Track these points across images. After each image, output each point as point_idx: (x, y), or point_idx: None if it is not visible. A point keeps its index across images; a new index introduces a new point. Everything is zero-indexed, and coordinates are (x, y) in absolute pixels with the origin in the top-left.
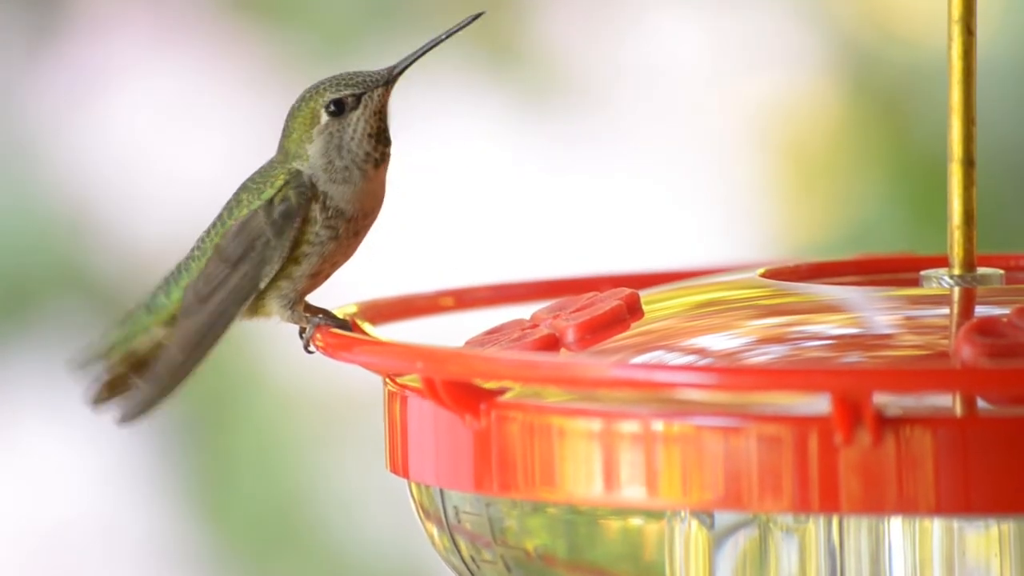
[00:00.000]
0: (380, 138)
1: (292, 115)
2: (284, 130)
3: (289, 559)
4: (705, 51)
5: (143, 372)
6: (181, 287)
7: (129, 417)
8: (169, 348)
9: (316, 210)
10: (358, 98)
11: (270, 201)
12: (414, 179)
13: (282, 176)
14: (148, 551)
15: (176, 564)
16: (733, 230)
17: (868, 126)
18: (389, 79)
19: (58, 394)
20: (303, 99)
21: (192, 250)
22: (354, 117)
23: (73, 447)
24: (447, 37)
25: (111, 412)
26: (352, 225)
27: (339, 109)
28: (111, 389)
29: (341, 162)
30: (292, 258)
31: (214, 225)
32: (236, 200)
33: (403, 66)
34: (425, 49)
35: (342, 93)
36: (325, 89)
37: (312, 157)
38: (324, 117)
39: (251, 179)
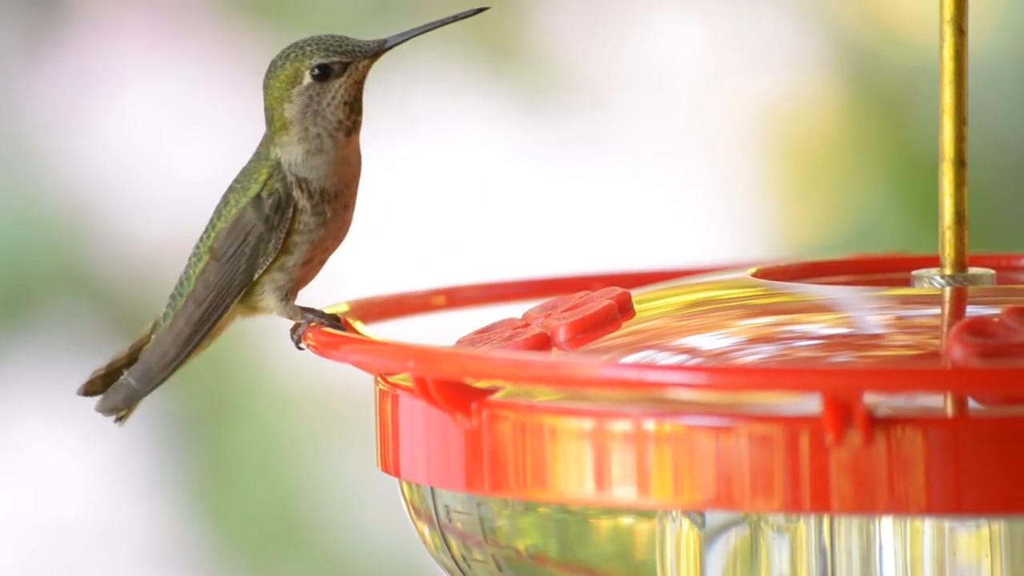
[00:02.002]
0: (354, 107)
1: (273, 72)
2: (265, 88)
3: (289, 559)
4: (705, 51)
5: (133, 364)
6: (184, 296)
7: (114, 408)
8: (164, 342)
9: (303, 198)
10: (344, 66)
11: (257, 196)
12: (411, 178)
13: (265, 170)
14: (148, 551)
15: (176, 564)
16: (733, 230)
17: (868, 126)
18: (378, 51)
19: (58, 394)
20: (286, 57)
21: (189, 258)
22: (336, 84)
23: (73, 447)
24: (445, 24)
25: (97, 402)
26: (337, 203)
27: (324, 74)
28: (104, 381)
29: (315, 128)
30: (283, 248)
31: (206, 230)
32: (224, 202)
33: (395, 42)
34: (422, 30)
35: (331, 59)
36: (313, 52)
37: (291, 120)
38: (307, 79)
39: (236, 180)
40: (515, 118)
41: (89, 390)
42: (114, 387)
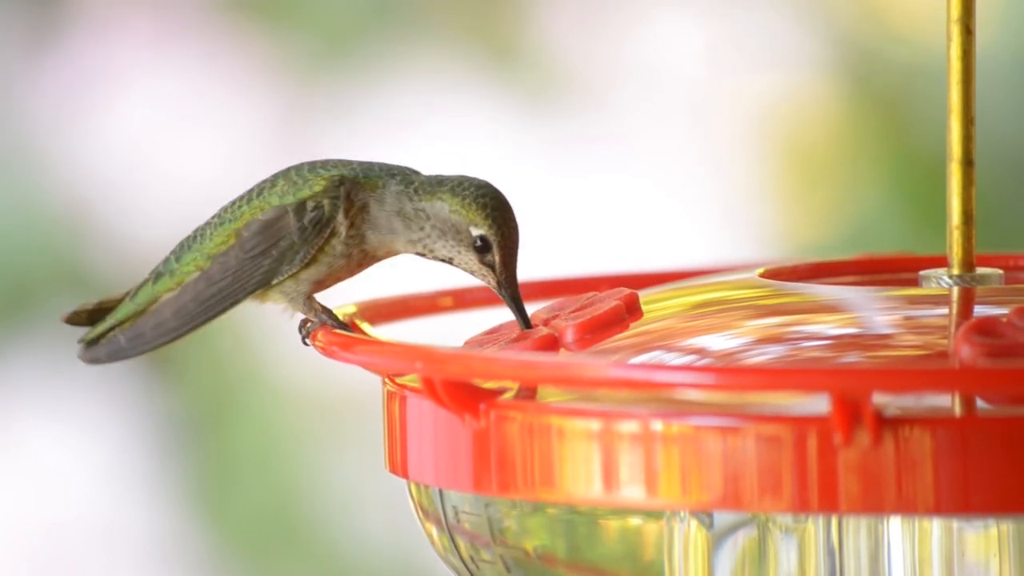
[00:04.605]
0: (447, 262)
1: (462, 192)
2: (443, 182)
3: (289, 559)
4: (705, 51)
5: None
6: (194, 253)
7: (95, 360)
8: (164, 312)
9: (343, 225)
10: (495, 266)
11: (302, 203)
12: None
13: (322, 182)
14: (148, 551)
15: (176, 564)
16: (733, 230)
17: (868, 126)
18: (507, 290)
19: (58, 394)
20: (491, 195)
21: (212, 218)
22: (474, 258)
23: (73, 447)
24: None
25: (80, 347)
26: (364, 256)
27: (483, 246)
28: (90, 316)
29: (418, 233)
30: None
31: (242, 198)
32: (272, 183)
33: (518, 311)
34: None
35: (499, 252)
36: (503, 225)
37: (424, 212)
38: (474, 234)
39: (298, 168)
40: (515, 118)
41: (72, 320)
42: (103, 340)
